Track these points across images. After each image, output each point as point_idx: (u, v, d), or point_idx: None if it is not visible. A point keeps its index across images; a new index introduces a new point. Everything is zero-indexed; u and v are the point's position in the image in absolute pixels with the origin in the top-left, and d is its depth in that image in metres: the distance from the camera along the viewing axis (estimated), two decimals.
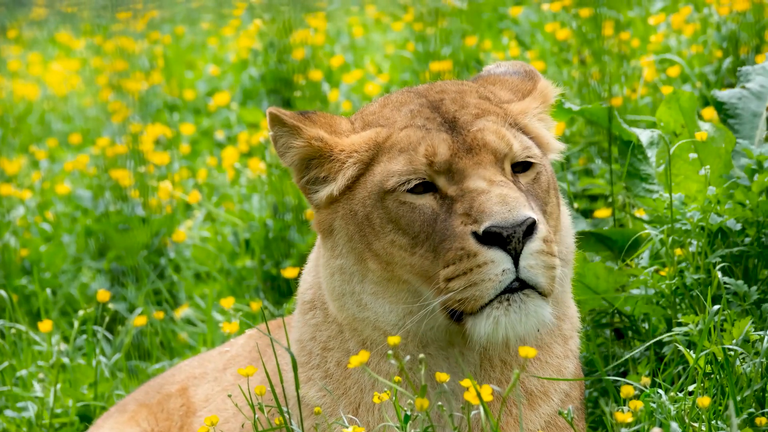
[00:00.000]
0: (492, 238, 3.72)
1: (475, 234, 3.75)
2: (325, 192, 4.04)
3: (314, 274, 4.19)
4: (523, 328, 3.76)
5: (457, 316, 3.82)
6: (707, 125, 5.17)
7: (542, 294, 3.78)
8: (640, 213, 5.31)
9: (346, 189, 4.01)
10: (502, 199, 3.75)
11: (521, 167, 3.93)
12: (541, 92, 4.15)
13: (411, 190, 3.90)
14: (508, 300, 3.76)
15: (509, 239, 3.72)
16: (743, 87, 5.29)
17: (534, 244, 3.74)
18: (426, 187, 3.89)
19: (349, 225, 3.98)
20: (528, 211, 3.74)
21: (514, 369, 3.96)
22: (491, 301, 3.75)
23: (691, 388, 4.13)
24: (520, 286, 3.76)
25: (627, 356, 4.80)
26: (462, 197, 3.82)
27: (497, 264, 3.74)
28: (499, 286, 3.74)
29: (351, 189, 4.00)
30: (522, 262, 3.74)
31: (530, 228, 3.73)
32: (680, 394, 4.07)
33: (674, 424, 3.91)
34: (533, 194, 3.91)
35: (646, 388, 4.09)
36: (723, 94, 5.29)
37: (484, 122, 3.94)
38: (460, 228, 3.78)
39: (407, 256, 3.87)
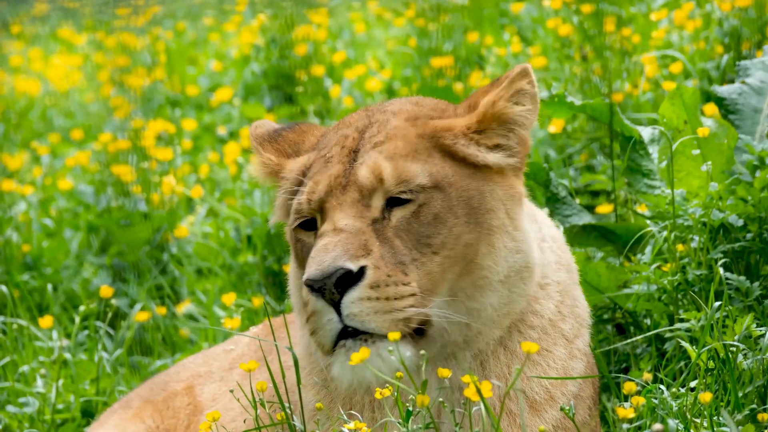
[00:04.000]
0: (312, 288, 3.64)
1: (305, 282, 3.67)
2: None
3: None
4: (370, 371, 3.64)
5: None
6: (709, 121, 5.15)
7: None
8: (641, 209, 5.30)
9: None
10: (324, 249, 3.63)
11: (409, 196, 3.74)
12: (482, 108, 3.83)
13: (303, 227, 3.83)
14: (345, 346, 3.66)
15: (322, 291, 3.62)
16: (743, 82, 5.27)
17: (355, 293, 3.62)
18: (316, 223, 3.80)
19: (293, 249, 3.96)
20: (346, 261, 3.60)
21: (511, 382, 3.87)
22: (334, 346, 3.68)
23: (693, 384, 4.13)
24: (355, 331, 3.65)
25: (628, 348, 4.80)
26: (317, 241, 3.73)
27: (322, 314, 3.66)
28: (330, 335, 3.66)
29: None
30: (343, 311, 3.63)
31: (344, 278, 3.60)
32: (682, 390, 4.07)
33: (672, 421, 3.91)
34: (406, 230, 3.71)
35: (648, 384, 4.09)
36: (723, 90, 5.26)
37: (369, 154, 3.77)
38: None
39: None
